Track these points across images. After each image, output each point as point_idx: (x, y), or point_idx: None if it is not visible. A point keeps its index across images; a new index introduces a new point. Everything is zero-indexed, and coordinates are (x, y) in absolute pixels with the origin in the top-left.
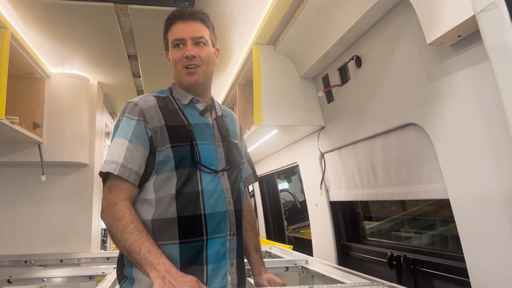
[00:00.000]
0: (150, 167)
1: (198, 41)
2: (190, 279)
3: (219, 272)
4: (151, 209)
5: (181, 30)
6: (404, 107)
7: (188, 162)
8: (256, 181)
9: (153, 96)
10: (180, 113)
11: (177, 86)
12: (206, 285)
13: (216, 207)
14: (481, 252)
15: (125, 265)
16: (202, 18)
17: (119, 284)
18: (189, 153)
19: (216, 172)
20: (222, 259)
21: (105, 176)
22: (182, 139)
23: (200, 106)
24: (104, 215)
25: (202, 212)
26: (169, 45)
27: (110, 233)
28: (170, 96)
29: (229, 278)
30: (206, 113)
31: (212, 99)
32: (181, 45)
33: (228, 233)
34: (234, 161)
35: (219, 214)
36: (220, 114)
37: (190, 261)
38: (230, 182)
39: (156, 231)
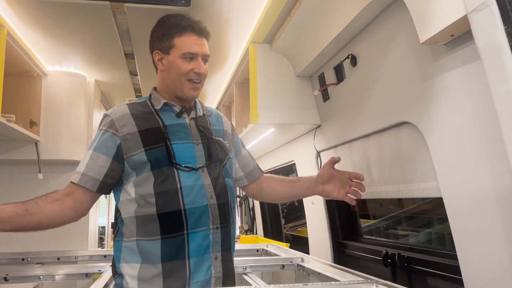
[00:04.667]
0: (116, 172)
1: (205, 59)
2: None
3: (202, 266)
4: (133, 206)
5: (195, 44)
6: (398, 105)
7: (164, 162)
8: (262, 174)
9: (126, 104)
10: (156, 116)
11: (157, 91)
12: (189, 278)
13: (196, 202)
14: (473, 250)
15: (115, 261)
16: (209, 36)
17: (114, 279)
18: (164, 153)
19: (194, 169)
20: (205, 253)
21: None
22: (155, 141)
23: (176, 109)
24: None
25: (182, 208)
26: (173, 51)
27: None
28: (148, 101)
29: (213, 271)
30: (182, 114)
31: (195, 101)
32: (189, 59)
33: (211, 226)
34: (216, 157)
35: (200, 208)
36: (201, 114)
37: (172, 255)
38: (211, 178)
39: (139, 227)
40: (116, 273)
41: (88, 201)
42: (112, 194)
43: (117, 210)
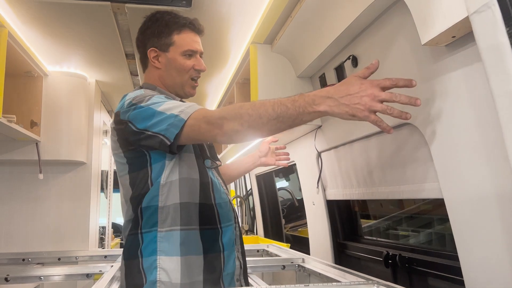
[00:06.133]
0: None
1: (201, 56)
2: (360, 87)
3: (231, 258)
4: (176, 191)
5: (195, 41)
6: (399, 106)
7: (196, 155)
8: None
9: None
10: None
11: (161, 87)
12: (222, 271)
13: (222, 198)
14: (474, 251)
15: (143, 256)
16: (203, 34)
17: (136, 282)
18: (196, 147)
19: (217, 166)
20: (233, 246)
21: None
22: None
23: None
24: (219, 120)
25: (213, 202)
26: (172, 49)
27: (240, 122)
28: None
29: (237, 262)
30: None
31: None
32: (190, 56)
33: (234, 221)
34: (217, 157)
35: (226, 204)
36: None
37: (210, 248)
38: (220, 176)
39: (183, 214)
40: (139, 269)
41: None
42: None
43: (141, 196)
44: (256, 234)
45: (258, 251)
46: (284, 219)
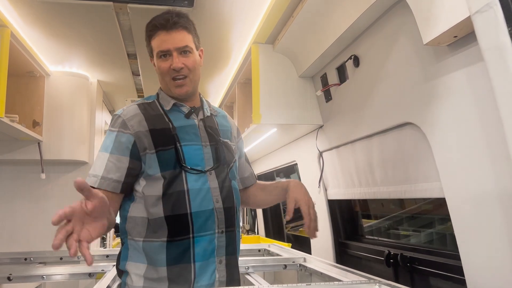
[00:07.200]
0: (135, 170)
1: (183, 50)
2: None
3: (207, 269)
4: (143, 206)
5: (165, 41)
6: (401, 106)
7: (173, 164)
8: (255, 182)
9: (137, 104)
10: (165, 117)
11: (163, 91)
12: (194, 282)
13: (202, 206)
14: (476, 250)
15: (121, 259)
16: (184, 25)
17: (120, 277)
18: (174, 155)
19: (203, 172)
20: (210, 257)
21: None
22: (166, 143)
23: (185, 109)
24: None
25: (188, 211)
26: (153, 54)
27: None
28: (156, 101)
29: (217, 275)
30: (191, 115)
31: (201, 99)
32: (167, 55)
33: (216, 230)
34: (223, 159)
35: (206, 212)
36: (209, 114)
37: (177, 259)
38: (218, 181)
39: (148, 229)
40: (121, 271)
41: (114, 204)
42: None
43: (122, 208)
44: (258, 233)
45: (259, 250)
46: (285, 218)
